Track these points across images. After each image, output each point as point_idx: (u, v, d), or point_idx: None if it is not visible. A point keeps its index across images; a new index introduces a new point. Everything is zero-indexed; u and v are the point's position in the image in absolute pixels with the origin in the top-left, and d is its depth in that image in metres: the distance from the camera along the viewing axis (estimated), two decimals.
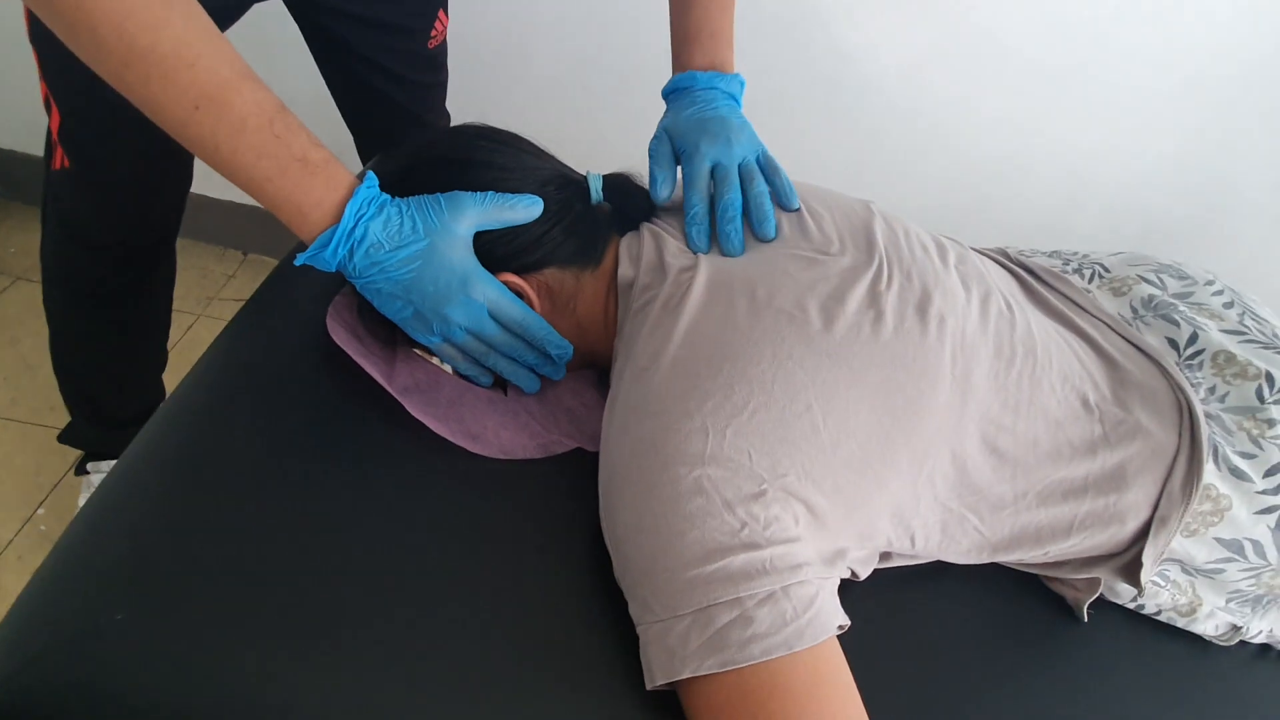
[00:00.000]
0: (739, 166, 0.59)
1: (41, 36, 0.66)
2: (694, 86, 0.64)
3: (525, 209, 0.53)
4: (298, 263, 0.50)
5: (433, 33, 0.84)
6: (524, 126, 0.62)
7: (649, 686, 0.41)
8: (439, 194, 0.52)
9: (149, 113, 0.46)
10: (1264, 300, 0.68)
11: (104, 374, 0.95)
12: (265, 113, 0.47)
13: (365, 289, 0.52)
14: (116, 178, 0.76)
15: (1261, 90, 1.18)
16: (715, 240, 0.56)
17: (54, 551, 0.43)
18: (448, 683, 0.41)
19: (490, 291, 0.52)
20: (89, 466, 1.04)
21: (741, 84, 0.67)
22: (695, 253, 0.55)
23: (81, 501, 1.07)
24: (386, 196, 0.51)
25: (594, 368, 0.62)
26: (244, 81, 0.46)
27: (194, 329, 1.35)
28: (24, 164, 1.39)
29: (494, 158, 0.56)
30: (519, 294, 0.55)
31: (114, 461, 0.71)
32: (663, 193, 0.61)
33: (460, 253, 0.51)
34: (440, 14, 0.84)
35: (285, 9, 0.80)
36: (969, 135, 1.26)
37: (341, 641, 0.41)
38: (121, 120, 0.47)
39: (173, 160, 0.78)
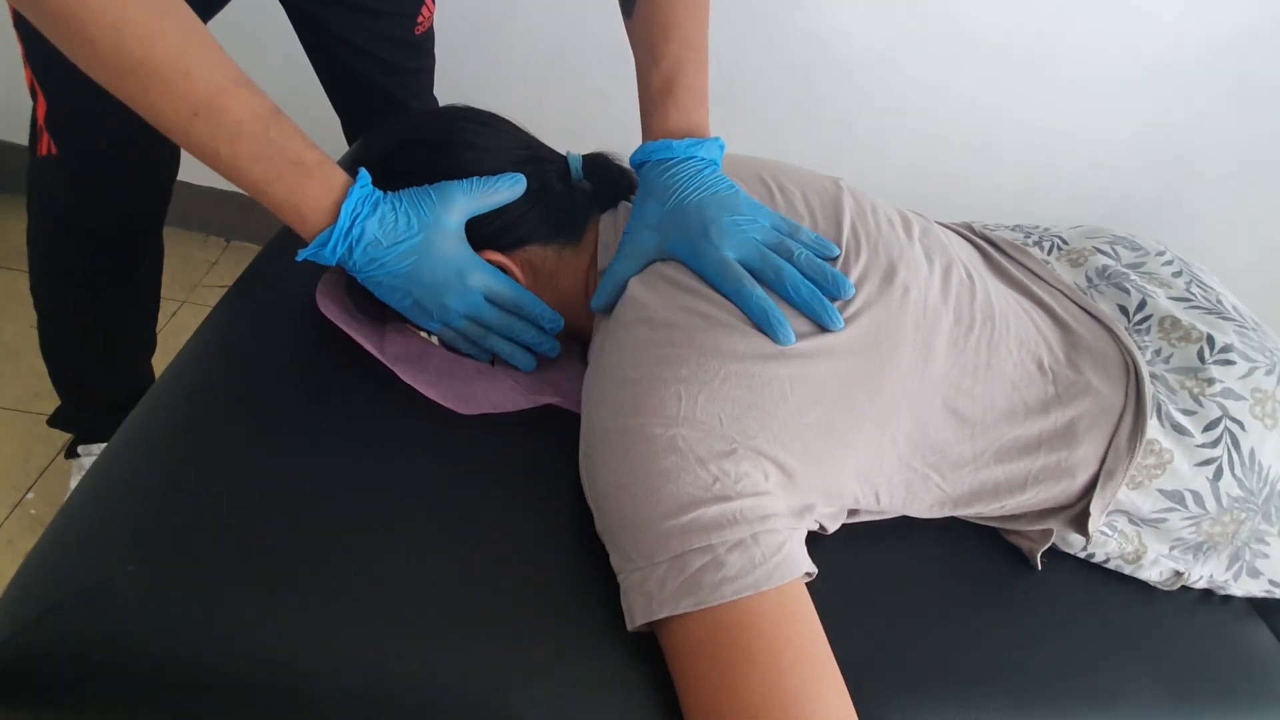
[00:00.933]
0: (767, 246, 0.52)
1: (26, 24, 0.67)
2: (671, 158, 0.57)
3: (510, 188, 0.56)
4: (300, 259, 0.52)
5: (419, 19, 0.85)
6: (510, 110, 0.63)
7: (629, 628, 0.44)
8: (428, 186, 0.54)
9: (150, 120, 0.47)
10: (1224, 273, 0.71)
11: (93, 358, 0.96)
12: (260, 118, 0.48)
13: (367, 282, 0.54)
14: (103, 163, 0.76)
15: (1224, 73, 1.22)
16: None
17: (60, 515, 0.45)
18: (440, 629, 0.43)
19: (485, 278, 0.55)
20: (79, 449, 1.05)
21: (721, 148, 0.59)
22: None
23: (73, 484, 1.08)
24: (380, 194, 0.53)
25: (576, 340, 0.65)
26: (239, 88, 0.48)
27: (179, 315, 1.35)
28: (6, 151, 1.38)
29: (474, 139, 0.58)
30: (503, 270, 0.57)
31: (105, 444, 0.72)
32: (604, 300, 0.55)
33: (454, 244, 0.53)
34: (427, 0, 0.85)
35: None
36: (939, 118, 1.28)
37: (336, 590, 0.43)
38: (108, 106, 0.48)
39: (159, 146, 0.78)
